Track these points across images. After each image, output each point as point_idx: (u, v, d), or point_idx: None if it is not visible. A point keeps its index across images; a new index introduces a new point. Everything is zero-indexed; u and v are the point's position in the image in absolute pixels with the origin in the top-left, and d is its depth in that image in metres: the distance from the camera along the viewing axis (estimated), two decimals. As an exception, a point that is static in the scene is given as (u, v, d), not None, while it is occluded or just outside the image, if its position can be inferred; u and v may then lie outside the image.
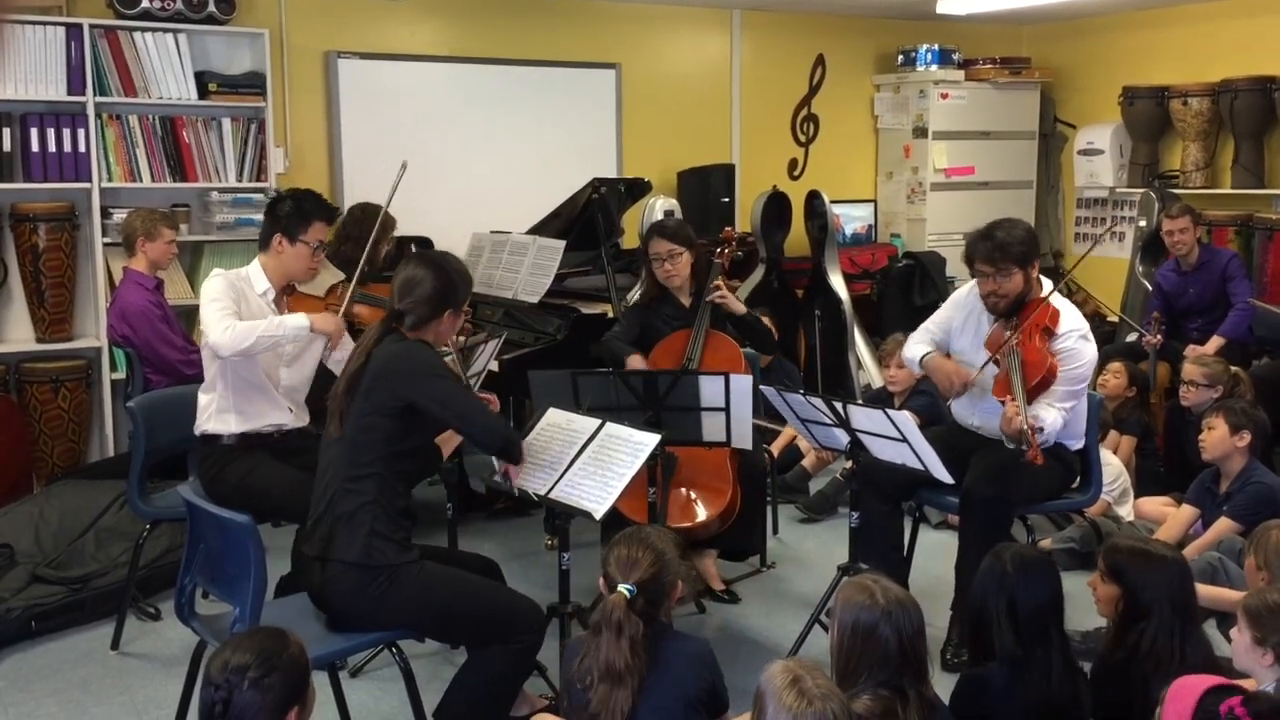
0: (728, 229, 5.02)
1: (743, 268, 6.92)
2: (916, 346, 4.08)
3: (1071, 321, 3.78)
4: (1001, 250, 3.71)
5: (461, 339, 4.07)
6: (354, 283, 3.95)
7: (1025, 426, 3.45)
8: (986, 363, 3.77)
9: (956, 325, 4.03)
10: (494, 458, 3.26)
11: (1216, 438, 4.21)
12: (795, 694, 2.03)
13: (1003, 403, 3.62)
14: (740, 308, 4.45)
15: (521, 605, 3.05)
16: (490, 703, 3.02)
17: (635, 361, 4.28)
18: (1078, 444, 3.93)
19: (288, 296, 3.81)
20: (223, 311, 3.55)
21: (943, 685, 2.72)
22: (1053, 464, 3.89)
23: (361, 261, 4.05)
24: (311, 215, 3.73)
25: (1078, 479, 4.01)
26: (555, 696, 3.33)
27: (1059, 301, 3.85)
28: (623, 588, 2.47)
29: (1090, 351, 3.78)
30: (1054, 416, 3.64)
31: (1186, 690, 2.34)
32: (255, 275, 3.74)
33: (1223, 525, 4.10)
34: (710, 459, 4.11)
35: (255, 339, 3.51)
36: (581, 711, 2.43)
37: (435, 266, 3.09)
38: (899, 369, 5.18)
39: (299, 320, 3.62)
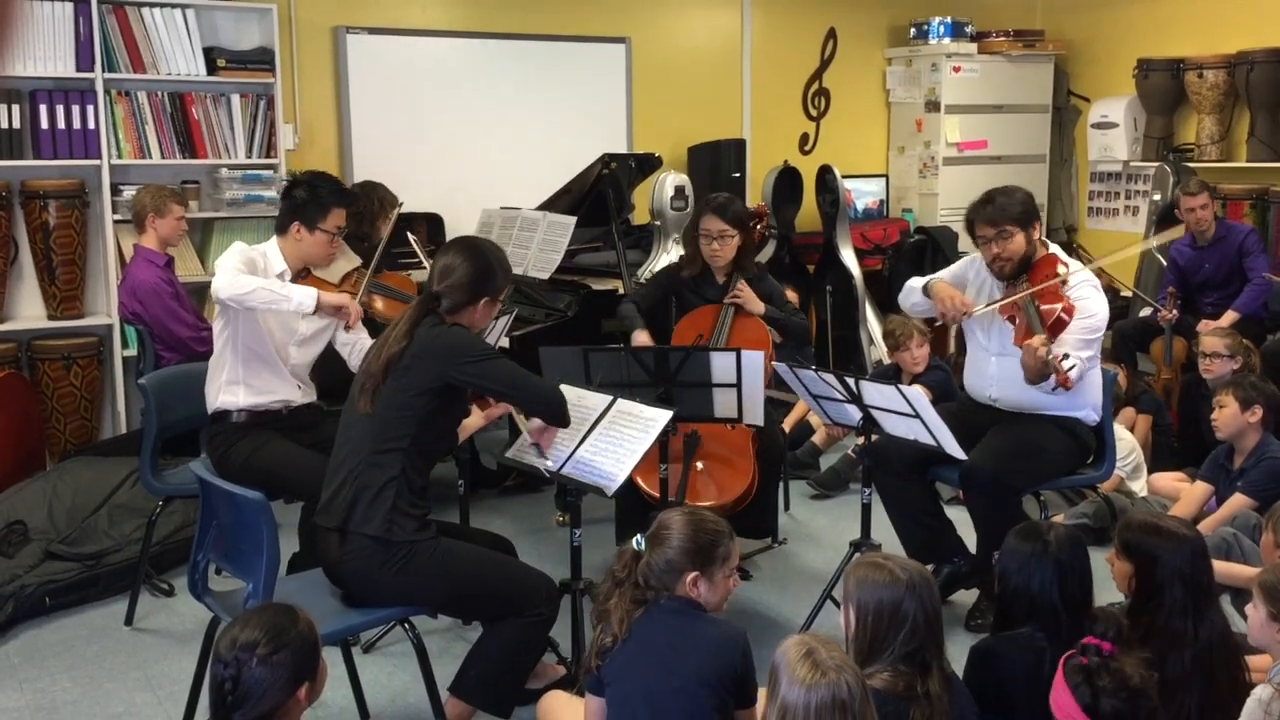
0: (761, 204, 4.96)
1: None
2: (918, 279, 4.09)
3: (1082, 274, 3.83)
4: (1001, 212, 3.78)
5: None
6: (370, 271, 3.94)
7: (1049, 355, 3.47)
8: (992, 304, 3.80)
9: (969, 294, 4.02)
10: (526, 433, 3.29)
11: (1228, 415, 4.18)
12: (809, 666, 2.02)
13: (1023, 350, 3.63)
14: (759, 306, 4.33)
15: (534, 579, 3.07)
16: (506, 675, 3.04)
17: (642, 338, 4.27)
18: (1094, 418, 3.92)
19: (303, 280, 3.76)
20: (238, 266, 3.55)
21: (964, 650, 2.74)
22: (1066, 440, 3.88)
23: (379, 251, 4.08)
24: (329, 203, 3.70)
25: (1091, 455, 4.00)
26: (569, 670, 3.35)
27: (1066, 259, 3.88)
28: (635, 540, 2.54)
29: (1102, 302, 3.80)
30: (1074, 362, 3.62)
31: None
32: (273, 255, 3.71)
33: (1237, 501, 4.08)
34: (732, 438, 4.10)
35: (254, 289, 3.48)
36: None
37: (475, 254, 3.07)
38: (919, 348, 5.15)
39: (306, 293, 3.54)
